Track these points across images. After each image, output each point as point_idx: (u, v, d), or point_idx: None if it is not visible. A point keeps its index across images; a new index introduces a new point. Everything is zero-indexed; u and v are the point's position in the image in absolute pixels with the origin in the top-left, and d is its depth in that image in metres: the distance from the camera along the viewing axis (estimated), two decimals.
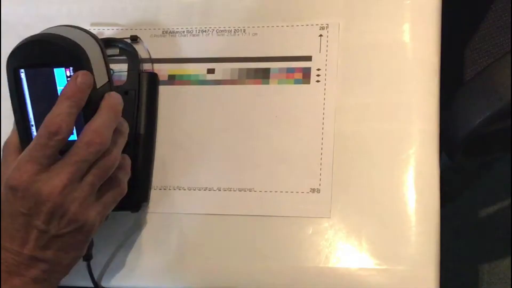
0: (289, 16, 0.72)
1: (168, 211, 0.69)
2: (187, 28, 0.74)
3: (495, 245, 1.32)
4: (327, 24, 0.71)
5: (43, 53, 0.59)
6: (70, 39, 0.59)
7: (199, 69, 0.72)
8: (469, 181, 1.34)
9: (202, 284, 0.66)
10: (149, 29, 0.75)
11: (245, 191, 0.68)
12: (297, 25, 0.71)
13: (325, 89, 0.69)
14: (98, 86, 0.60)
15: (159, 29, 0.74)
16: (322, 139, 0.67)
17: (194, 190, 0.69)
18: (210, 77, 0.72)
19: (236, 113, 0.70)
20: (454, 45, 0.87)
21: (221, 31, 0.73)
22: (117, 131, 0.61)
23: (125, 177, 0.63)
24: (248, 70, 0.71)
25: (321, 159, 0.67)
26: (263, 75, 0.71)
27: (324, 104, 0.68)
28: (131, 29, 0.75)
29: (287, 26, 0.71)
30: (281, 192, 0.67)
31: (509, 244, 1.30)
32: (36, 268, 0.58)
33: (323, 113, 0.68)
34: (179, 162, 0.70)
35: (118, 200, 0.63)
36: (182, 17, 0.74)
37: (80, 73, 0.58)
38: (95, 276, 0.67)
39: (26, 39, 0.60)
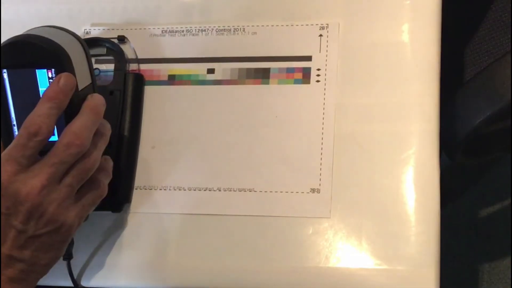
0: (289, 15, 0.72)
1: (167, 211, 0.69)
2: (186, 27, 0.74)
3: (495, 245, 1.32)
4: (327, 24, 0.71)
5: (25, 54, 0.59)
6: (52, 41, 0.59)
7: (199, 69, 0.72)
8: (469, 181, 1.34)
9: (200, 284, 0.66)
10: (149, 28, 0.75)
11: (245, 191, 0.68)
12: (297, 25, 0.71)
13: (325, 89, 0.69)
14: (80, 88, 0.60)
15: (158, 28, 0.74)
16: (322, 139, 0.67)
17: (194, 190, 0.69)
18: (210, 77, 0.72)
19: (236, 113, 0.70)
20: (454, 45, 0.87)
21: (221, 30, 0.73)
22: (98, 133, 0.61)
23: (106, 179, 0.63)
24: (248, 70, 0.71)
25: (321, 159, 0.67)
26: (263, 75, 0.71)
27: (324, 104, 0.68)
28: (131, 29, 0.75)
29: (287, 25, 0.71)
30: (281, 192, 0.67)
31: (509, 244, 1.30)
32: (14, 268, 0.58)
33: (323, 113, 0.68)
34: (179, 162, 0.70)
35: (98, 202, 0.63)
36: (181, 16, 0.74)
37: (63, 75, 0.58)
38: (76, 275, 0.67)
39: (8, 39, 0.60)
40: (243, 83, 0.71)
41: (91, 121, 0.59)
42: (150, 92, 0.73)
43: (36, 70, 0.59)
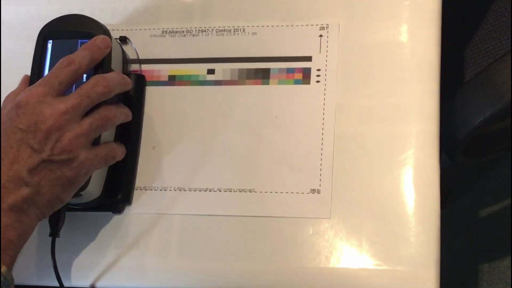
0: (289, 16, 0.72)
1: (167, 212, 0.69)
2: (187, 28, 0.74)
3: (495, 245, 1.32)
4: (327, 25, 0.71)
5: (74, 26, 0.67)
6: (94, 19, 0.68)
7: (199, 69, 0.72)
8: (469, 181, 1.35)
9: (201, 284, 0.66)
10: (149, 29, 0.75)
11: (245, 191, 0.68)
12: (297, 25, 0.71)
13: (325, 90, 0.69)
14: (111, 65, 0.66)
15: (159, 29, 0.74)
16: (322, 139, 0.67)
17: (195, 190, 0.69)
18: (210, 77, 0.72)
19: (236, 114, 0.70)
20: (454, 45, 0.87)
21: (221, 31, 0.73)
22: (121, 105, 0.66)
23: (120, 147, 0.66)
24: (248, 70, 0.71)
25: (321, 159, 0.67)
26: (263, 76, 0.71)
27: (324, 104, 0.68)
28: (131, 29, 0.75)
29: (287, 26, 0.71)
30: (281, 192, 0.67)
31: (509, 244, 1.30)
32: (18, 194, 0.58)
33: (323, 114, 0.68)
34: (179, 163, 0.70)
35: (110, 162, 0.65)
36: (182, 17, 0.74)
37: (100, 36, 0.65)
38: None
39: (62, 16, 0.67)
40: (243, 83, 0.71)
41: (119, 78, 0.65)
42: (150, 93, 0.73)
43: (79, 40, 0.66)
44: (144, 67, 0.73)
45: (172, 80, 0.73)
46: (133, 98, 0.70)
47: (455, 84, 0.85)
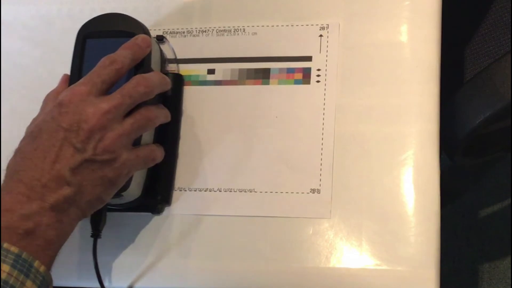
0: (289, 16, 0.72)
1: (166, 212, 0.69)
2: (187, 28, 0.74)
3: (495, 245, 1.32)
4: (327, 25, 0.71)
5: (114, 25, 0.67)
6: (134, 18, 0.67)
7: (199, 69, 0.72)
8: (469, 181, 1.35)
9: (201, 284, 0.66)
10: (149, 29, 0.74)
11: (245, 191, 0.68)
12: (297, 25, 0.71)
13: (325, 90, 0.69)
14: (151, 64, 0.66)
15: (159, 29, 0.74)
16: (322, 139, 0.67)
17: (195, 191, 0.69)
18: (210, 77, 0.72)
19: (236, 114, 0.70)
20: (454, 45, 0.87)
21: (221, 31, 0.73)
22: (161, 106, 0.66)
23: (159, 150, 0.66)
24: (248, 70, 0.71)
25: (321, 159, 0.67)
26: (263, 75, 0.71)
27: (324, 104, 0.68)
28: None
29: (287, 26, 0.71)
30: (281, 192, 0.67)
31: (509, 244, 1.30)
32: (59, 193, 0.57)
33: (323, 114, 0.68)
34: (179, 163, 0.70)
35: (150, 164, 0.64)
36: (182, 17, 0.74)
37: (141, 35, 0.65)
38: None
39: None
40: (243, 83, 0.71)
41: (158, 78, 0.64)
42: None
43: (120, 39, 0.65)
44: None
45: None
46: (171, 99, 0.70)
47: (455, 84, 0.85)
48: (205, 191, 0.69)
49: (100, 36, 0.66)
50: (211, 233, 0.67)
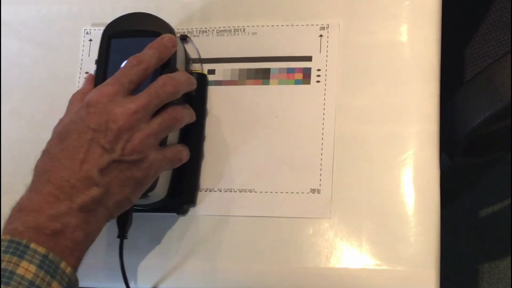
0: (289, 16, 0.72)
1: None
2: (187, 28, 0.74)
3: (495, 245, 1.32)
4: (328, 25, 0.71)
5: (139, 24, 0.66)
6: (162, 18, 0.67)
7: (199, 69, 0.72)
8: (469, 181, 1.35)
9: (201, 284, 0.66)
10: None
11: (245, 191, 0.68)
12: (297, 25, 0.71)
13: (325, 90, 0.69)
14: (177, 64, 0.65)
15: None
16: (322, 139, 0.67)
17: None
18: (210, 77, 0.72)
19: (236, 114, 0.70)
20: (454, 45, 0.87)
21: (221, 31, 0.73)
22: (187, 106, 0.65)
23: (185, 150, 0.65)
24: (249, 70, 0.71)
25: (321, 159, 0.67)
26: (263, 76, 0.71)
27: (324, 104, 0.68)
28: None
29: (287, 26, 0.71)
30: (282, 192, 0.67)
31: (509, 244, 1.30)
32: (88, 194, 0.56)
33: (323, 114, 0.68)
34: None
35: (176, 164, 0.64)
36: (182, 17, 0.74)
37: (167, 34, 0.65)
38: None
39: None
40: (243, 83, 0.71)
41: (185, 78, 0.64)
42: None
43: (145, 39, 0.64)
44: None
45: None
46: (196, 98, 0.69)
47: (455, 84, 0.85)
48: (205, 191, 0.68)
49: (125, 36, 0.66)
50: (212, 233, 0.67)
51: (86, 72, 0.75)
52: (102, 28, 0.76)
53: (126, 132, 0.58)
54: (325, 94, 0.69)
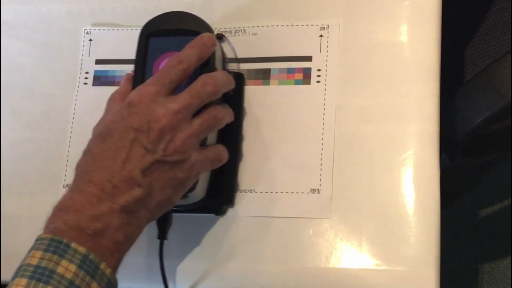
0: (290, 16, 0.72)
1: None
2: None
3: (495, 245, 1.32)
4: (328, 25, 0.70)
5: (177, 23, 0.66)
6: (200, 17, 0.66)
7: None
8: (469, 181, 1.34)
9: (201, 284, 0.66)
10: None
11: (245, 191, 0.68)
12: (298, 25, 0.71)
13: (325, 90, 0.69)
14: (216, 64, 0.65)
15: None
16: (322, 139, 0.67)
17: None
18: None
19: (236, 114, 0.70)
20: (454, 45, 0.87)
21: (222, 32, 0.73)
22: (227, 106, 0.65)
23: (225, 151, 0.65)
24: (249, 70, 0.71)
25: (321, 159, 0.67)
26: (263, 76, 0.71)
27: (324, 104, 0.68)
28: (132, 29, 0.75)
29: (288, 26, 0.71)
30: (282, 192, 0.67)
31: (509, 244, 1.30)
32: (129, 194, 0.56)
33: (324, 114, 0.68)
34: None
35: (216, 165, 0.63)
36: None
37: (206, 33, 0.64)
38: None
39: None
40: (244, 84, 0.71)
41: (224, 77, 0.63)
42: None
43: (183, 37, 0.64)
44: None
45: None
46: (233, 97, 0.68)
47: (455, 84, 0.85)
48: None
49: (163, 35, 0.65)
50: (212, 233, 0.67)
51: (87, 72, 0.75)
52: (102, 28, 0.76)
53: (168, 133, 0.58)
54: (325, 94, 0.69)
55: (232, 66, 0.71)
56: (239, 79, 0.70)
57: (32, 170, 0.73)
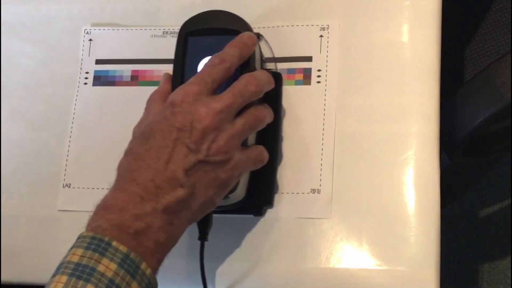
0: (290, 16, 0.72)
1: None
2: None
3: (495, 245, 1.32)
4: (328, 25, 0.70)
5: (217, 22, 0.65)
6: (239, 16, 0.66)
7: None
8: (469, 181, 1.35)
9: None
10: (149, 29, 0.75)
11: None
12: (298, 26, 0.71)
13: (325, 90, 0.69)
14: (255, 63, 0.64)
15: (159, 29, 0.74)
16: (322, 139, 0.67)
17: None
18: None
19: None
20: (454, 45, 0.87)
21: None
22: (267, 106, 0.64)
23: (265, 153, 0.64)
24: None
25: (321, 159, 0.67)
26: None
27: (324, 105, 0.68)
28: (132, 29, 0.75)
29: (288, 26, 0.71)
30: (282, 193, 0.67)
31: (509, 244, 1.30)
32: (173, 195, 0.56)
33: (324, 114, 0.68)
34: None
35: (258, 165, 0.63)
36: (182, 17, 0.74)
37: (246, 32, 0.64)
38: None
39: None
40: None
41: (266, 77, 0.63)
42: (150, 93, 0.72)
43: (222, 37, 0.63)
44: (145, 67, 0.73)
45: None
46: (272, 97, 0.66)
47: (455, 84, 0.85)
48: None
49: (202, 34, 0.65)
50: (212, 233, 0.67)
51: (87, 72, 0.75)
52: (102, 28, 0.76)
53: (212, 132, 0.57)
54: (325, 95, 0.69)
55: (269, 66, 0.70)
56: (277, 78, 0.69)
57: (32, 170, 0.73)
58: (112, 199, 0.56)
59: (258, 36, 0.70)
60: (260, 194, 0.66)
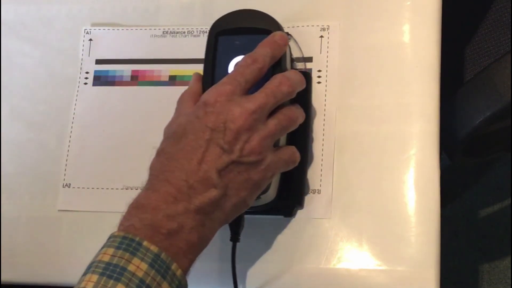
0: (290, 17, 0.71)
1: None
2: (187, 28, 0.74)
3: (495, 245, 1.32)
4: (328, 26, 0.70)
5: (247, 21, 0.64)
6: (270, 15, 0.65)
7: (200, 70, 0.72)
8: (469, 181, 1.35)
9: (201, 285, 0.66)
10: (149, 29, 0.75)
11: None
12: (298, 26, 0.71)
13: (326, 90, 0.69)
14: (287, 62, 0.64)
15: (159, 29, 0.74)
16: (323, 139, 0.67)
17: None
18: None
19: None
20: (454, 45, 0.87)
21: None
22: (298, 106, 0.63)
23: (298, 154, 0.63)
24: None
25: (321, 160, 0.67)
26: None
27: (325, 105, 0.68)
28: (132, 29, 0.75)
29: (288, 27, 0.71)
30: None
31: (509, 244, 1.30)
32: (206, 195, 0.55)
33: (324, 114, 0.68)
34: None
35: (290, 166, 0.62)
36: (182, 17, 0.74)
37: (278, 32, 0.63)
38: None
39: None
40: None
41: (298, 77, 0.62)
42: (150, 93, 0.72)
43: (253, 36, 0.63)
44: (145, 67, 0.73)
45: (173, 80, 0.73)
46: (301, 97, 0.64)
47: (455, 84, 0.85)
48: None
49: (232, 33, 0.64)
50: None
51: (87, 72, 0.75)
52: (102, 28, 0.76)
53: (245, 133, 0.57)
54: (325, 95, 0.69)
55: (299, 66, 0.70)
56: (307, 78, 0.68)
57: (32, 170, 0.73)
58: (144, 199, 0.56)
59: (288, 35, 0.70)
60: (291, 195, 0.66)
